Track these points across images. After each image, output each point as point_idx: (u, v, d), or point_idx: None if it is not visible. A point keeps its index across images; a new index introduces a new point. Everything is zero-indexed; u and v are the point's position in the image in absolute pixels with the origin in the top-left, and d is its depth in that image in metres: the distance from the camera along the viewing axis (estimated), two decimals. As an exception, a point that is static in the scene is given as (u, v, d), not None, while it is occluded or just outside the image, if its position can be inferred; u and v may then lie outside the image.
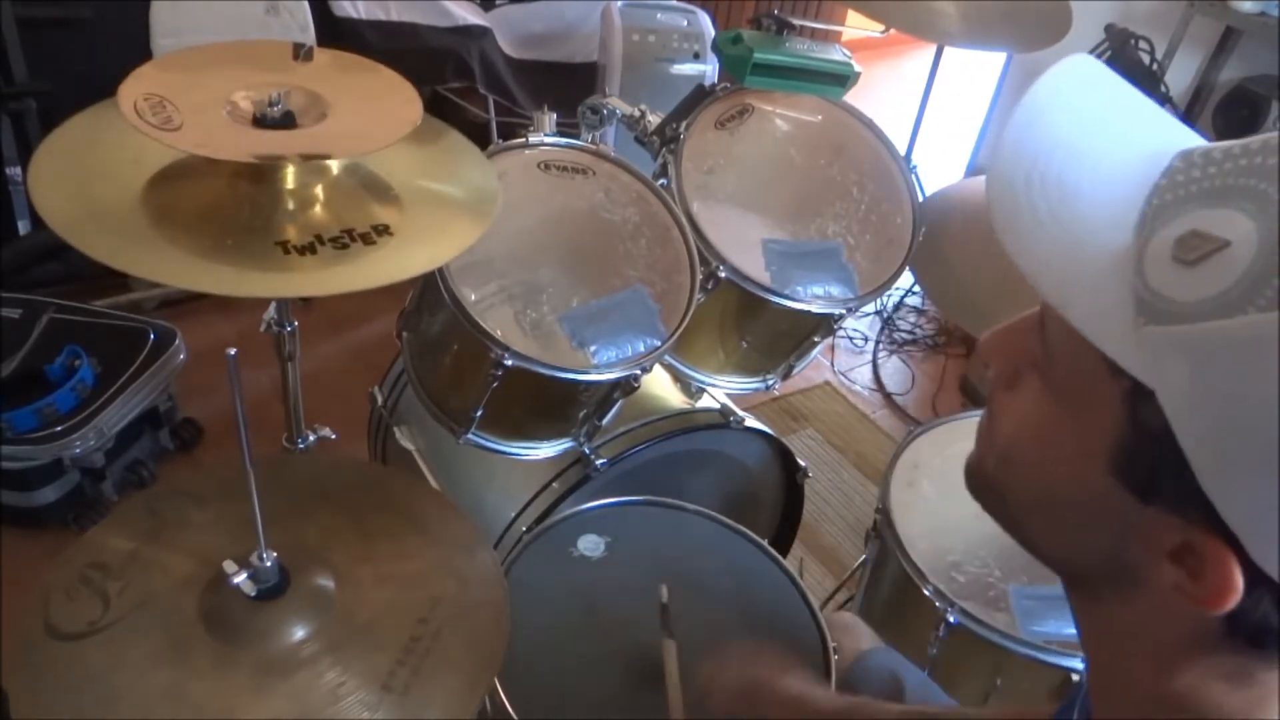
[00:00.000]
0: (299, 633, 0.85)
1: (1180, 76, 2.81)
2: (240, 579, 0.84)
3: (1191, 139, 0.50)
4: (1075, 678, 1.13)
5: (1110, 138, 0.50)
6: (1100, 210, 0.47)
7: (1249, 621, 0.46)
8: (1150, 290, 0.44)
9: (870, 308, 2.94)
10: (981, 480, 0.59)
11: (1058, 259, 0.46)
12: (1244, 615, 0.46)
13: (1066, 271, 0.46)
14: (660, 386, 1.53)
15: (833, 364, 2.75)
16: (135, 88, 0.90)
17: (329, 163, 1.00)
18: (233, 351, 0.73)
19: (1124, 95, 0.52)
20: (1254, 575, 0.44)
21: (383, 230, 0.95)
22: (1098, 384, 0.46)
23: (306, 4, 2.28)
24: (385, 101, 1.01)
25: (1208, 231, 0.43)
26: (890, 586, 1.34)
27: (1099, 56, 2.62)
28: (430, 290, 1.20)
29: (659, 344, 1.20)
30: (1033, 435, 0.53)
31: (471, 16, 2.65)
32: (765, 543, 1.20)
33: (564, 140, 1.31)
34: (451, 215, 1.03)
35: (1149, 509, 0.47)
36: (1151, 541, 0.47)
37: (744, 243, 1.35)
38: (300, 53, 1.04)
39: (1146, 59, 2.55)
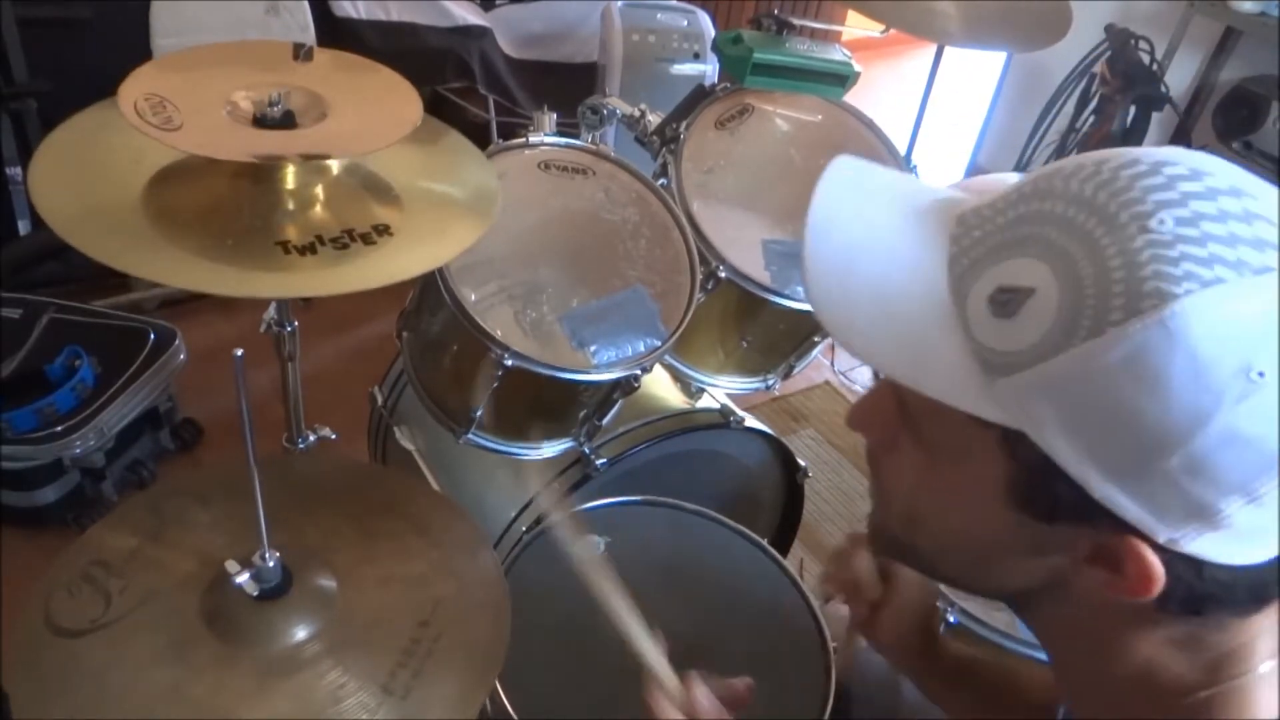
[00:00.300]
0: (300, 633, 0.85)
1: (1180, 76, 2.81)
2: (242, 579, 0.84)
3: (956, 196, 0.54)
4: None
5: (895, 223, 0.54)
6: (916, 292, 0.51)
7: (1177, 593, 0.49)
8: (986, 348, 0.48)
9: (870, 308, 2.93)
10: (889, 542, 0.62)
11: (898, 347, 0.50)
12: (1170, 591, 0.49)
13: (910, 355, 0.50)
14: (660, 386, 1.53)
15: (833, 364, 2.75)
16: (135, 88, 0.90)
17: (329, 163, 1.00)
18: (239, 352, 0.74)
19: (887, 178, 0.58)
20: (1167, 554, 0.47)
21: (383, 230, 0.95)
22: (970, 436, 0.50)
23: (306, 4, 2.28)
24: (385, 101, 1.01)
25: (1010, 284, 0.47)
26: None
27: (1099, 56, 2.63)
28: (430, 290, 1.20)
29: (659, 344, 1.20)
30: (927, 492, 0.56)
31: (471, 16, 2.65)
32: (765, 543, 1.21)
33: (564, 140, 1.31)
34: (451, 215, 1.03)
35: (1057, 527, 0.50)
36: (1068, 552, 0.51)
37: (744, 243, 1.35)
38: (300, 53, 1.04)
39: (1146, 59, 2.55)
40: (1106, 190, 0.46)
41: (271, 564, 0.85)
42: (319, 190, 0.99)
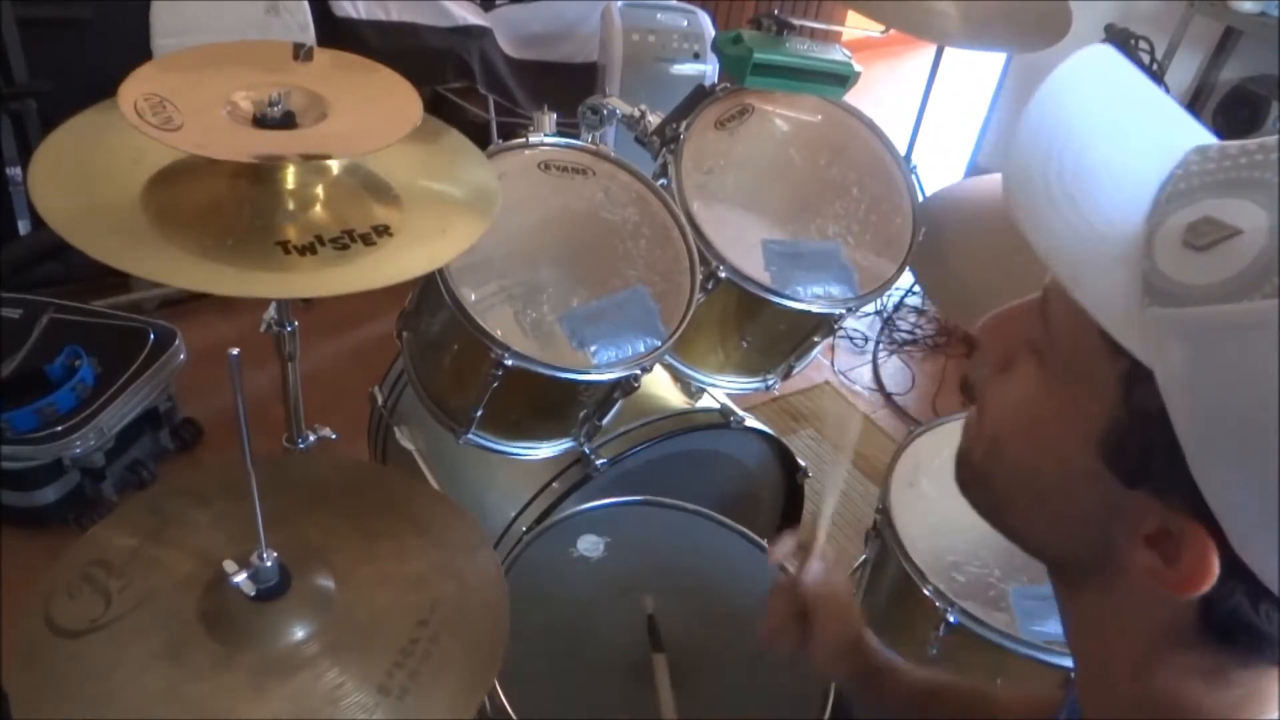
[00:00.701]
0: (298, 634, 0.85)
1: (1180, 76, 2.81)
2: (240, 579, 0.84)
3: (1205, 136, 0.51)
4: (1074, 676, 1.13)
5: (1127, 128, 0.50)
6: (1115, 194, 0.48)
7: (1221, 611, 0.47)
8: (1158, 272, 0.44)
9: (870, 308, 2.94)
10: (968, 471, 0.60)
11: (1071, 239, 0.47)
12: (1217, 604, 0.47)
13: (1078, 251, 0.47)
14: (660, 386, 1.53)
15: (833, 364, 2.75)
16: (135, 88, 0.90)
17: (329, 163, 1.00)
18: (235, 351, 0.73)
19: (1141, 88, 0.53)
20: (1229, 564, 0.44)
21: (383, 231, 0.95)
22: (1096, 365, 0.47)
23: (306, 4, 2.28)
24: (385, 101, 1.01)
25: (1220, 219, 0.44)
26: (890, 586, 1.34)
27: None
28: (430, 290, 1.20)
29: (659, 344, 1.20)
30: (1024, 418, 0.54)
31: (471, 16, 2.65)
32: (765, 543, 1.20)
33: (564, 140, 1.31)
34: (451, 215, 1.03)
35: (1133, 493, 0.48)
36: (1132, 525, 0.48)
37: (744, 243, 1.35)
38: (300, 53, 1.04)
39: (1146, 59, 2.55)
40: None
41: (269, 564, 0.85)
42: (319, 190, 0.99)
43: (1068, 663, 1.13)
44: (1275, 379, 0.40)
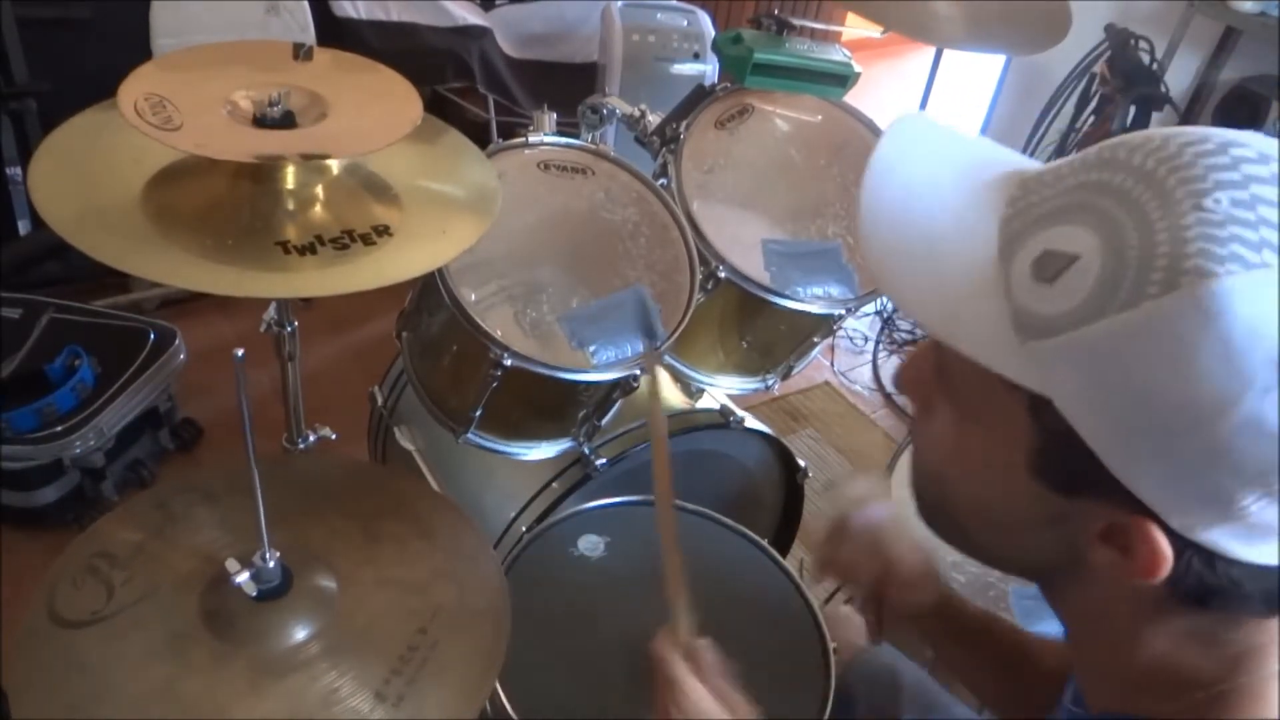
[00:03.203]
0: (297, 635, 0.85)
1: (1180, 76, 2.81)
2: (242, 578, 0.84)
3: (1023, 161, 0.55)
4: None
5: (958, 179, 0.54)
6: (964, 247, 0.51)
7: (1187, 582, 0.49)
8: (1023, 310, 0.48)
9: (870, 308, 2.94)
10: (923, 507, 0.63)
11: (938, 298, 0.51)
12: (1180, 579, 0.49)
13: (947, 308, 0.51)
14: (660, 386, 1.53)
15: (833, 364, 2.75)
16: (135, 87, 0.90)
17: (329, 163, 1.00)
18: (240, 352, 0.74)
19: (956, 138, 0.57)
20: (1179, 541, 0.47)
21: (383, 231, 0.95)
22: (999, 400, 0.50)
23: (306, 4, 2.28)
24: (385, 101, 1.01)
25: (1057, 249, 0.47)
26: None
27: (1099, 56, 2.63)
28: (430, 290, 1.20)
29: (659, 344, 1.20)
30: (954, 455, 0.57)
31: (471, 16, 2.65)
32: (765, 543, 1.21)
33: (564, 140, 1.31)
34: (451, 215, 1.03)
35: (1074, 501, 0.51)
36: (1083, 528, 0.51)
37: (744, 243, 1.35)
38: (300, 53, 1.04)
39: (1146, 59, 2.55)
40: (1168, 165, 0.45)
41: (271, 564, 0.85)
42: (319, 190, 0.99)
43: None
44: (1155, 381, 0.43)
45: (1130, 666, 0.56)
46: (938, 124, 0.57)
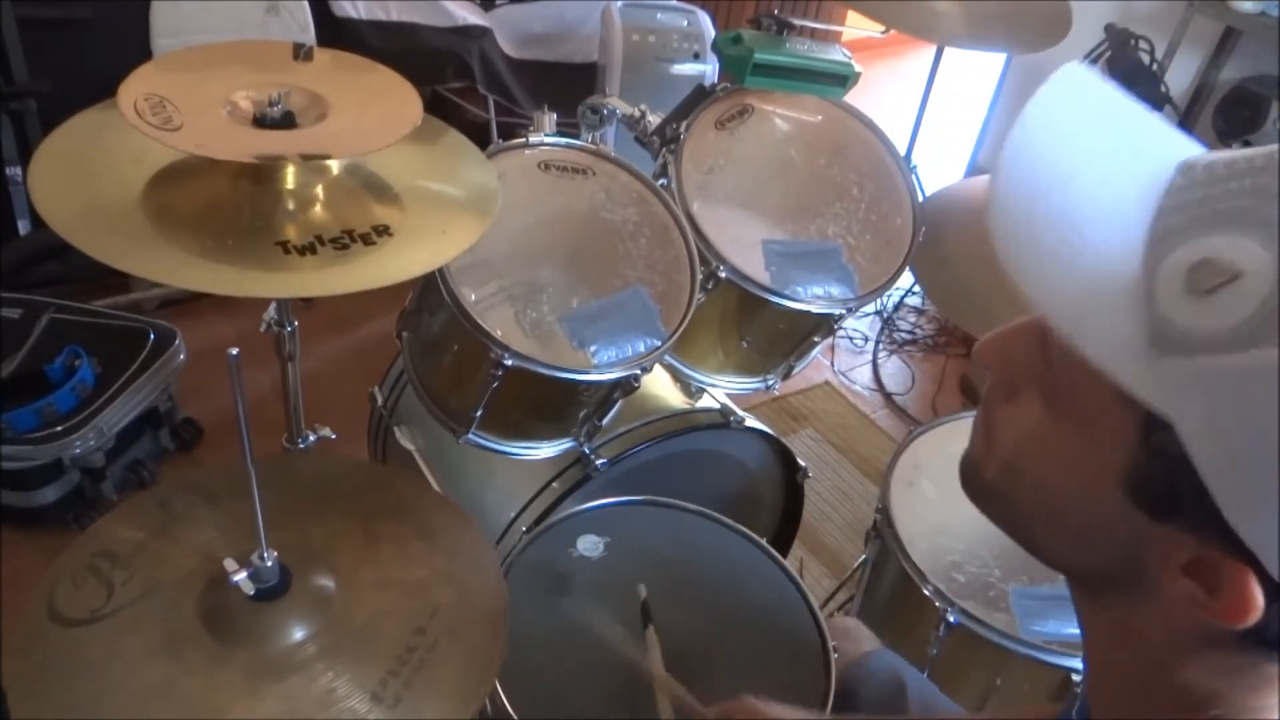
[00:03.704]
0: (295, 635, 0.84)
1: (1180, 76, 2.81)
2: (240, 577, 0.84)
3: (1188, 144, 0.49)
4: (1076, 677, 1.13)
5: (1108, 156, 0.48)
6: (1107, 231, 0.45)
7: (1269, 635, 0.46)
8: (1165, 319, 0.42)
9: (870, 308, 2.94)
10: (981, 486, 0.58)
11: (1068, 291, 0.45)
12: (1264, 629, 0.45)
13: (1078, 303, 0.44)
14: (660, 386, 1.53)
15: (833, 364, 2.75)
16: (135, 88, 0.90)
17: (329, 163, 1.00)
18: (235, 351, 0.73)
19: (1116, 104, 0.50)
20: (1272, 590, 0.43)
21: (383, 231, 0.95)
22: (1109, 412, 0.46)
23: (306, 4, 2.28)
24: (385, 101, 1.01)
25: (1220, 260, 0.42)
26: (890, 586, 1.34)
27: (1099, 57, 2.63)
28: (430, 290, 1.20)
29: (659, 344, 1.20)
30: (1039, 450, 0.52)
31: (471, 16, 2.65)
32: (765, 543, 1.21)
33: (564, 140, 1.31)
34: (452, 215, 1.03)
35: (1162, 527, 0.46)
36: (1164, 556, 0.47)
37: (744, 243, 1.35)
38: (300, 53, 1.04)
39: (1146, 59, 2.55)
40: None
41: (270, 564, 0.85)
42: (319, 190, 0.99)
43: (1067, 662, 1.13)
44: None
45: (1152, 686, 0.53)
46: (1100, 82, 0.50)
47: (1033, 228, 0.45)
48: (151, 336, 1.99)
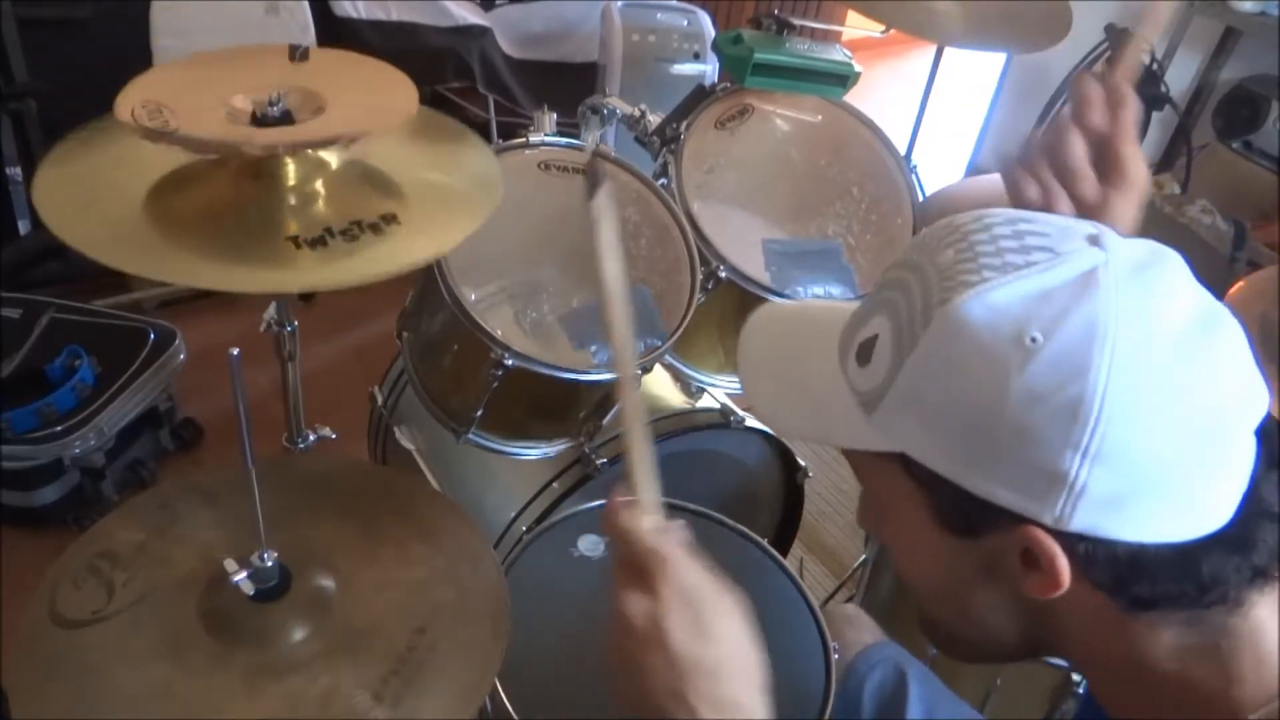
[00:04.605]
0: (295, 636, 0.84)
1: (1180, 76, 2.81)
2: (240, 578, 0.84)
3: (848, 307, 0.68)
4: (1075, 677, 1.13)
5: (807, 333, 0.71)
6: (819, 372, 0.64)
7: (1109, 581, 0.54)
8: (859, 392, 0.60)
9: (870, 308, 2.93)
10: (923, 625, 0.71)
11: (808, 414, 0.66)
12: (1101, 578, 0.54)
13: (816, 420, 0.64)
14: (660, 386, 1.53)
15: (833, 364, 2.75)
16: (132, 96, 0.90)
17: (329, 158, 1.00)
18: (236, 351, 0.73)
19: (797, 309, 0.81)
20: (1067, 539, 0.53)
21: (391, 219, 0.94)
22: (889, 476, 0.59)
23: (306, 4, 2.28)
24: (382, 93, 1.01)
25: (865, 338, 0.60)
26: (890, 586, 1.34)
27: (1099, 56, 2.63)
28: (430, 290, 1.20)
29: (659, 344, 1.20)
30: (900, 552, 0.66)
31: (471, 16, 2.65)
32: (765, 542, 1.21)
33: (564, 140, 1.31)
34: (455, 203, 1.03)
35: (983, 540, 0.57)
36: (1007, 567, 0.56)
37: (744, 242, 1.35)
38: (296, 54, 1.04)
39: (1146, 59, 2.55)
40: (919, 248, 0.59)
41: (270, 564, 0.85)
42: (319, 186, 0.98)
43: (1066, 662, 1.13)
44: (952, 391, 0.53)
45: (1153, 693, 0.57)
46: (776, 309, 0.79)
47: (772, 389, 0.71)
48: (151, 336, 1.99)
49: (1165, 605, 0.54)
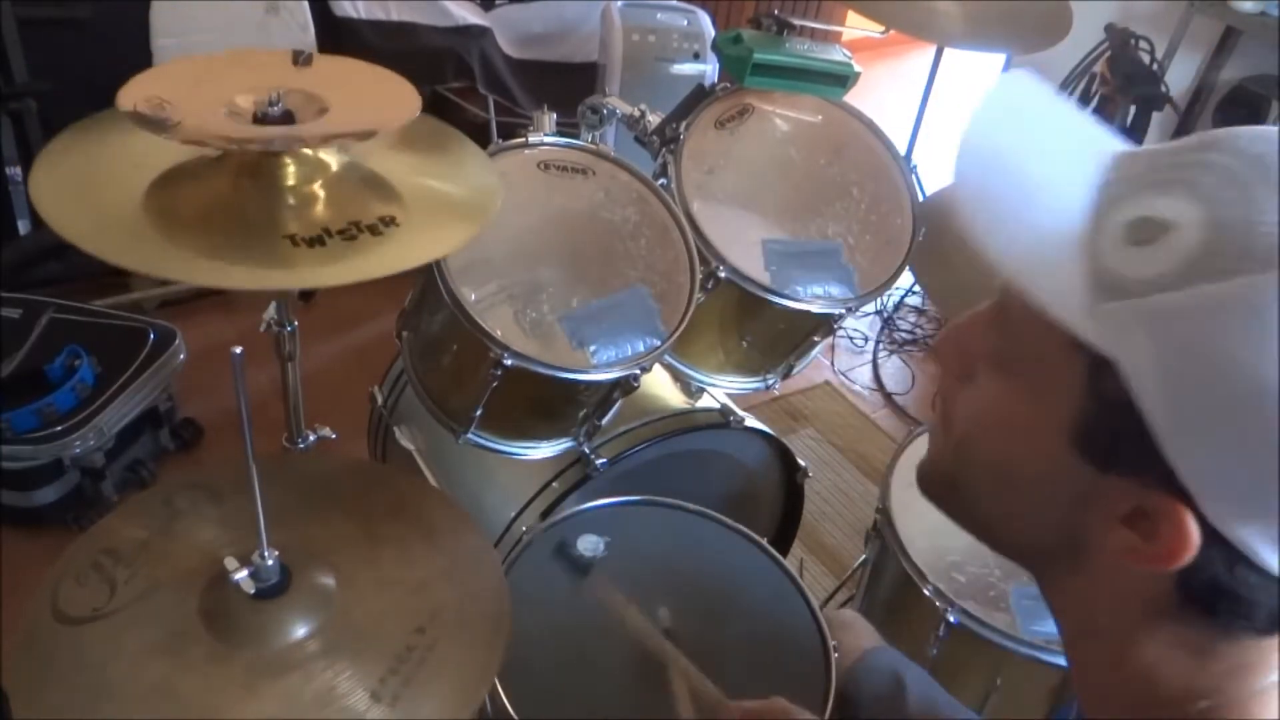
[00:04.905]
0: (294, 634, 0.84)
1: (1180, 76, 2.81)
2: (240, 576, 0.84)
3: (1124, 145, 0.55)
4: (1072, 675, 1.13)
5: (1055, 141, 0.55)
6: (1056, 202, 0.51)
7: (1200, 580, 0.48)
8: (1107, 269, 0.48)
9: (870, 308, 2.94)
10: (936, 478, 0.62)
11: (1021, 246, 0.50)
12: (1196, 574, 0.48)
13: (1029, 257, 0.50)
14: (660, 386, 1.53)
15: (833, 364, 2.75)
16: (135, 92, 0.90)
17: (328, 159, 1.00)
18: (239, 350, 0.73)
19: (1058, 104, 0.57)
20: (1207, 535, 0.46)
21: (389, 222, 0.95)
22: (1059, 362, 0.50)
23: (306, 4, 2.28)
24: (384, 98, 1.01)
25: (1156, 215, 0.47)
26: (890, 586, 1.34)
27: (1099, 56, 2.63)
28: (430, 290, 1.20)
29: (659, 344, 1.20)
30: (992, 419, 0.56)
31: (471, 16, 2.65)
32: (765, 542, 1.21)
33: (564, 140, 1.31)
34: (453, 209, 1.03)
35: (1106, 478, 0.50)
36: (1106, 509, 0.50)
37: (744, 242, 1.35)
38: (299, 59, 1.05)
39: (1146, 59, 2.55)
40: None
41: (270, 563, 0.85)
42: (318, 188, 0.98)
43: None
44: (1233, 356, 0.43)
45: (1123, 674, 0.54)
46: (1046, 89, 0.56)
47: (988, 195, 0.52)
48: (151, 336, 2.00)
49: (1225, 617, 0.50)
